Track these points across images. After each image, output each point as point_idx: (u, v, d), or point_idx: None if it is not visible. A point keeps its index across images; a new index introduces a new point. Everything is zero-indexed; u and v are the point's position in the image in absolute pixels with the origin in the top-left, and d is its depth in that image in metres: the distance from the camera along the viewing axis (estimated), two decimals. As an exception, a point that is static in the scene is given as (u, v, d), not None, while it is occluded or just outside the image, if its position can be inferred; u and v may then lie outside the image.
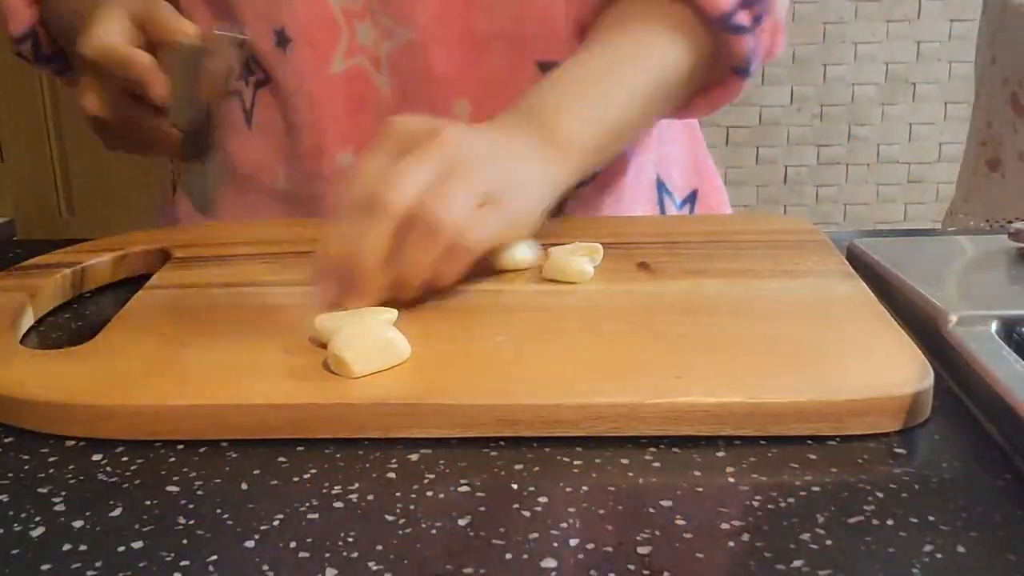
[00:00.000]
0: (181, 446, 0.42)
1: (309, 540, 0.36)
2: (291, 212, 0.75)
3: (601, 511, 0.37)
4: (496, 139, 0.57)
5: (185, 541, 0.36)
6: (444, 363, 0.46)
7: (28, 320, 0.54)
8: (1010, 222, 0.62)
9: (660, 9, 0.66)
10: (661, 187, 0.80)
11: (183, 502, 0.38)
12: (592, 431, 0.42)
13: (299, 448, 0.42)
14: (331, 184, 0.72)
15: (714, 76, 0.69)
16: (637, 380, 0.43)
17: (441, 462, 0.41)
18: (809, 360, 0.45)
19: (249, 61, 0.72)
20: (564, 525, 0.36)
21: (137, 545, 0.36)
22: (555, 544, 0.35)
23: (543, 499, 0.38)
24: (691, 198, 0.83)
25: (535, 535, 0.36)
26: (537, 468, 0.40)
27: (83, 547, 0.36)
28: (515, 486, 0.39)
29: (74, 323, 0.57)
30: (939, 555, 0.34)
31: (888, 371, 0.44)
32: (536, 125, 0.60)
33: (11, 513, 0.38)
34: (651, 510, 0.37)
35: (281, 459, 0.41)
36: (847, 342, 0.47)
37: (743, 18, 0.65)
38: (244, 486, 0.39)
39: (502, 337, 0.48)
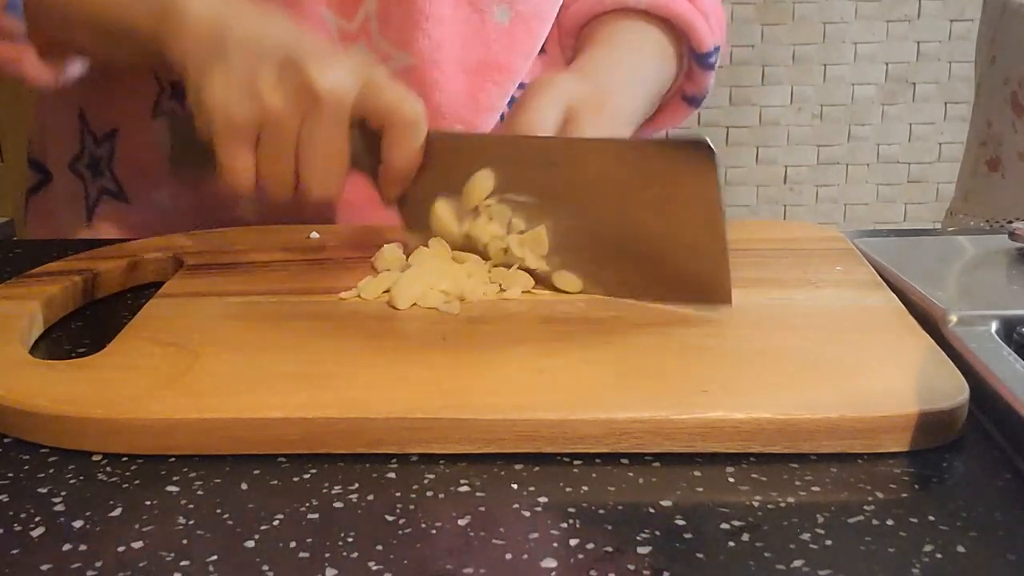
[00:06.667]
0: (181, 446, 0.42)
1: (309, 540, 0.36)
2: None
3: (601, 511, 0.37)
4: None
5: (185, 541, 0.36)
6: (463, 376, 0.45)
7: (38, 328, 0.54)
8: (1010, 222, 0.62)
9: (650, 31, 0.75)
10: None
11: (183, 502, 0.38)
12: (616, 447, 0.41)
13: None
14: (314, 212, 0.70)
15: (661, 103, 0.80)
16: (661, 394, 0.42)
17: (441, 462, 0.41)
18: (840, 374, 0.44)
19: None
20: (564, 525, 0.36)
21: (137, 545, 0.36)
22: (555, 544, 0.35)
23: (543, 499, 0.38)
24: None
25: (535, 535, 0.36)
26: (537, 468, 0.40)
27: (83, 547, 0.36)
28: (515, 486, 0.39)
29: (85, 331, 0.56)
30: (939, 555, 0.34)
31: (922, 386, 0.42)
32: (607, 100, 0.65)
33: (11, 513, 0.38)
34: (651, 510, 0.37)
35: (281, 459, 0.41)
36: (879, 355, 0.46)
37: (714, 58, 0.77)
38: (244, 486, 0.39)
39: (522, 348, 0.48)
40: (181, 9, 0.55)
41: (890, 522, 0.36)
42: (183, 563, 0.35)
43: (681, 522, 0.36)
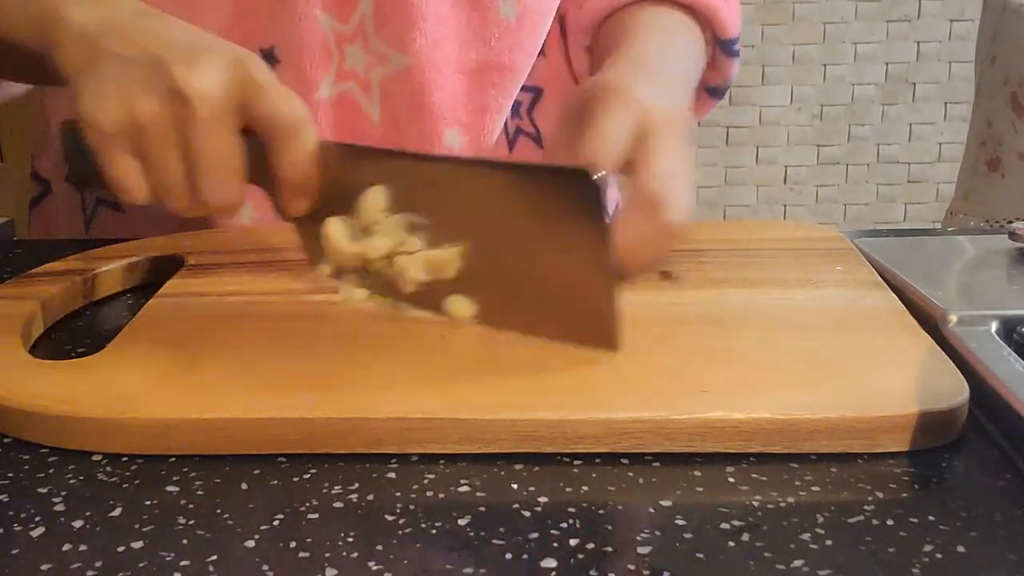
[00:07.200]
0: (181, 446, 0.42)
1: (309, 540, 0.36)
2: None
3: (601, 511, 0.37)
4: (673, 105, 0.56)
5: (185, 541, 0.36)
6: (463, 376, 0.45)
7: (38, 328, 0.54)
8: (1010, 222, 0.62)
9: (679, 17, 0.72)
10: None
11: (183, 502, 0.38)
12: (616, 447, 0.41)
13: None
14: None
15: None
16: (661, 394, 0.42)
17: (441, 462, 0.41)
18: (839, 374, 0.44)
19: None
20: (564, 525, 0.36)
21: (137, 545, 0.36)
22: (555, 544, 0.35)
23: (543, 499, 0.38)
24: None
25: (535, 535, 0.36)
26: (537, 468, 0.40)
27: (83, 547, 0.36)
28: (515, 486, 0.39)
29: (85, 332, 0.56)
30: (939, 555, 0.34)
31: (922, 385, 0.42)
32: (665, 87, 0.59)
33: (11, 513, 0.38)
34: (651, 510, 0.37)
35: (281, 459, 0.41)
36: (878, 355, 0.46)
37: (738, 45, 0.74)
38: (244, 486, 0.39)
39: (522, 349, 0.47)
40: (63, 17, 0.52)
41: (890, 522, 0.36)
42: (183, 563, 0.35)
43: (681, 522, 0.36)
